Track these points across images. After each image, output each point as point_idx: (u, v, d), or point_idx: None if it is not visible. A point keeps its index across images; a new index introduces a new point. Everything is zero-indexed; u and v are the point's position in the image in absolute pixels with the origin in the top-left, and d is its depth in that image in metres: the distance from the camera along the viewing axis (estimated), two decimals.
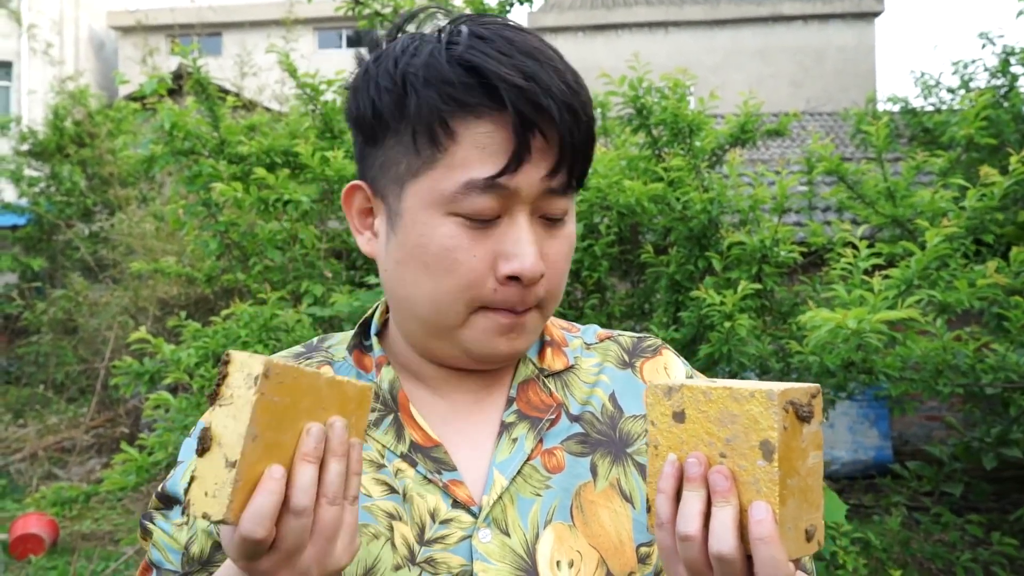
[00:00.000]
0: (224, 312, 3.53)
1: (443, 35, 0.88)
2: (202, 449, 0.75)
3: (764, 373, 3.35)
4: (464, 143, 0.86)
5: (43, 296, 9.60)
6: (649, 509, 0.79)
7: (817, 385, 0.76)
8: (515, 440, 0.96)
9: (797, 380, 3.29)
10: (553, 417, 0.98)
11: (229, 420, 0.74)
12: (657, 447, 0.79)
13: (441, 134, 0.86)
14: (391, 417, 0.97)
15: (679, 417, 0.77)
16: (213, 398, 0.76)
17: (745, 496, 0.73)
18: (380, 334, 1.04)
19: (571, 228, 0.94)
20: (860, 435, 6.92)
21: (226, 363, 0.76)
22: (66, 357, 8.66)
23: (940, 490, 5.24)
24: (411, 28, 0.96)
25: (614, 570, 0.91)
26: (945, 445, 5.57)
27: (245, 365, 0.74)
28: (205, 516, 0.73)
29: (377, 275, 3.72)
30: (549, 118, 0.84)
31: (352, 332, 1.06)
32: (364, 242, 0.98)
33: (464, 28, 0.87)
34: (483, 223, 0.87)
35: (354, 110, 0.94)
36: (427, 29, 0.94)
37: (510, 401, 0.98)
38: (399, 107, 0.88)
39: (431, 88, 0.85)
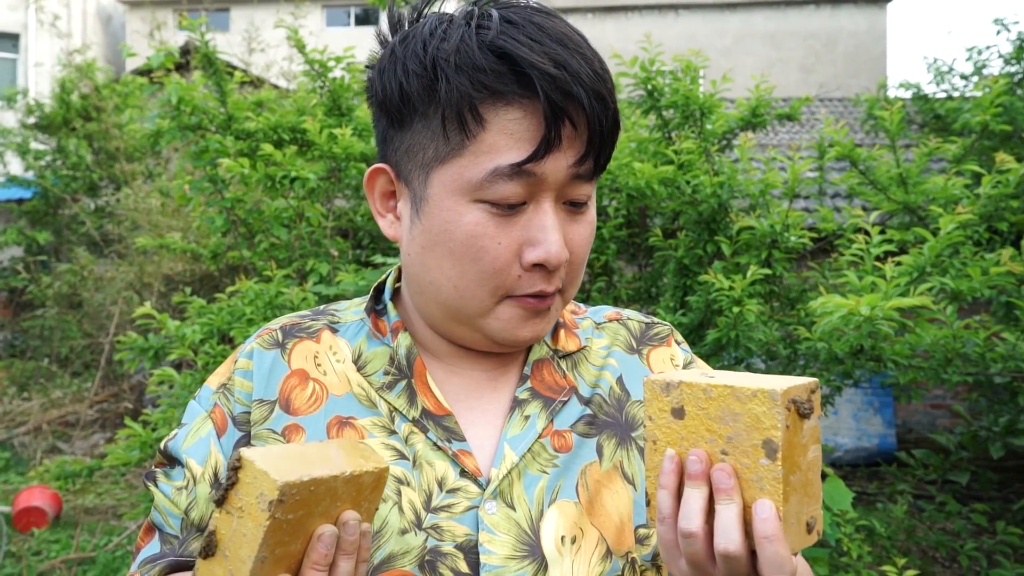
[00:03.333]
0: (229, 289, 3.52)
1: (472, 19, 0.87)
2: (206, 552, 0.74)
3: (771, 359, 3.33)
4: (493, 130, 0.85)
5: (48, 270, 9.60)
6: (648, 503, 0.81)
7: (816, 380, 0.76)
8: (527, 417, 0.97)
9: (804, 366, 3.27)
10: (566, 399, 0.99)
11: (238, 536, 0.72)
12: (656, 442, 0.79)
13: (471, 120, 0.85)
14: (404, 383, 0.97)
15: (678, 413, 0.78)
16: (221, 502, 0.74)
17: (748, 493, 0.74)
18: (393, 300, 1.04)
19: (593, 213, 0.96)
20: (864, 423, 6.90)
21: (236, 468, 0.73)
22: (71, 331, 8.67)
23: (945, 478, 5.23)
24: (435, 7, 0.95)
25: (613, 549, 0.93)
26: (952, 434, 5.56)
27: (258, 481, 0.71)
28: None
29: (384, 254, 3.72)
30: (578, 106, 0.84)
31: (366, 296, 1.06)
32: (387, 225, 0.99)
33: (494, 12, 0.87)
34: (509, 209, 0.87)
35: (380, 92, 0.92)
36: (449, 8, 0.94)
37: (524, 378, 1.00)
38: (428, 92, 0.87)
39: (462, 74, 0.84)
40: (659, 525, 0.78)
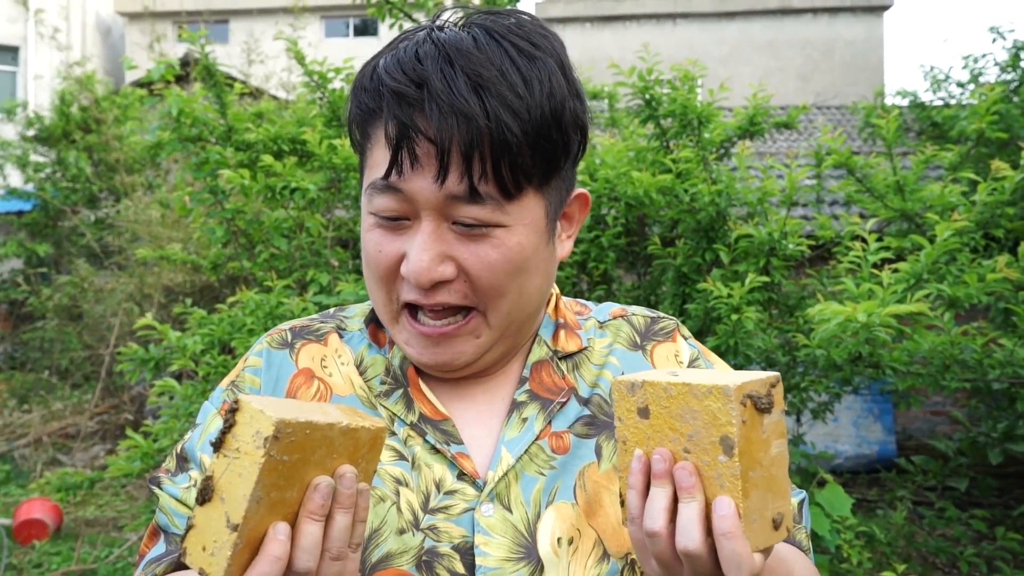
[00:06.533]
0: (230, 299, 3.53)
1: (410, 41, 0.89)
2: (203, 498, 0.74)
3: (770, 366, 3.34)
4: (376, 145, 0.89)
5: (48, 282, 9.60)
6: (623, 503, 0.81)
7: (776, 374, 0.76)
8: (525, 420, 0.97)
9: (803, 373, 3.28)
10: (564, 400, 0.99)
11: (234, 476, 0.72)
12: (625, 442, 0.80)
13: (360, 137, 0.91)
14: (400, 391, 0.99)
15: (644, 413, 0.78)
16: (218, 445, 0.74)
17: (710, 491, 0.73)
18: None
19: (509, 238, 0.88)
20: (864, 429, 6.90)
21: (234, 411, 0.74)
22: (71, 343, 8.67)
23: (944, 485, 5.24)
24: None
25: (611, 550, 0.93)
26: (951, 440, 5.56)
27: (255, 420, 0.72)
28: (202, 572, 0.73)
29: None
30: (431, 125, 0.82)
31: (370, 305, 1.08)
32: None
33: (437, 35, 0.87)
34: (393, 222, 0.89)
35: None
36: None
37: (523, 380, 1.00)
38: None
39: (355, 93, 0.90)
40: (629, 525, 0.79)
